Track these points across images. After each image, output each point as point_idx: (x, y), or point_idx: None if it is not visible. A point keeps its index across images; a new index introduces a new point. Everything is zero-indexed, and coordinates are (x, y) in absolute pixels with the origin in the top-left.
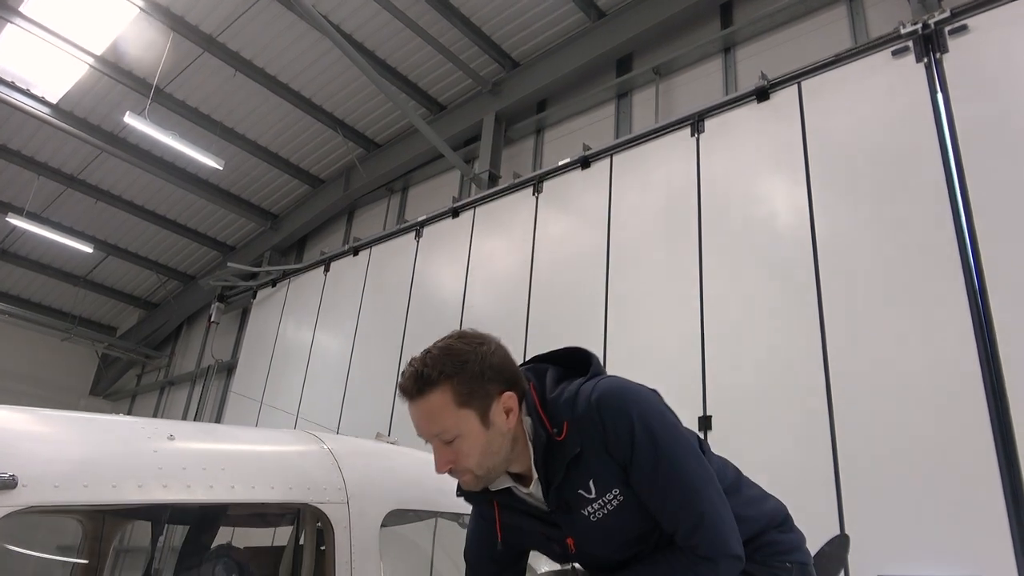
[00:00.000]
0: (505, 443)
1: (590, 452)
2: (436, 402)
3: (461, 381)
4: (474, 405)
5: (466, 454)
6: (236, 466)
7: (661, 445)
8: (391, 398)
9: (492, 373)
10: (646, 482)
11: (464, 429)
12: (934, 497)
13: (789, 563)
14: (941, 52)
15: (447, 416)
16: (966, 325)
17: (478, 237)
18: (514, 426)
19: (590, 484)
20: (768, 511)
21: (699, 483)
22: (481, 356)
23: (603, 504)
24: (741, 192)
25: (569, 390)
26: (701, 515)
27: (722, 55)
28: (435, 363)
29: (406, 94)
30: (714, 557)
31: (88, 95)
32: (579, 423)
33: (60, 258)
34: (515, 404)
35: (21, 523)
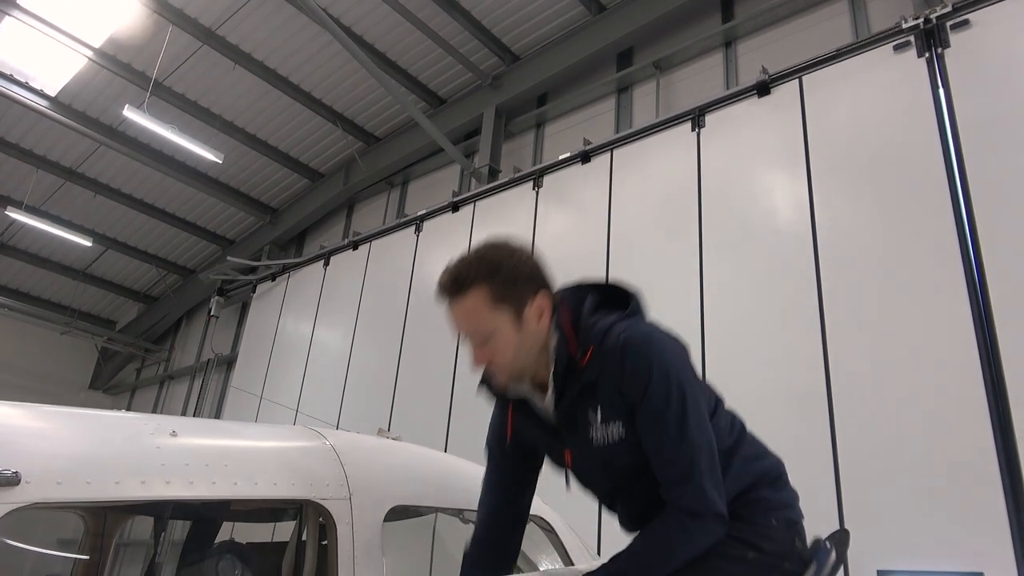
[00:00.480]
0: (536, 344)
1: (605, 384)
2: (472, 302)
3: (496, 282)
4: (508, 305)
5: (501, 351)
6: (239, 462)
7: (671, 400)
8: (391, 392)
9: (526, 276)
10: (648, 428)
11: (498, 327)
12: (934, 493)
13: (775, 520)
14: (943, 47)
15: (483, 315)
16: (966, 320)
17: (478, 231)
18: (546, 329)
19: (597, 411)
20: (761, 469)
21: (696, 443)
22: (516, 261)
23: (605, 434)
24: (742, 187)
25: (603, 323)
26: (689, 473)
27: (723, 49)
28: (472, 265)
29: (406, 88)
30: (697, 512)
31: (87, 88)
32: (602, 355)
33: (59, 252)
34: (547, 307)
35: (24, 519)
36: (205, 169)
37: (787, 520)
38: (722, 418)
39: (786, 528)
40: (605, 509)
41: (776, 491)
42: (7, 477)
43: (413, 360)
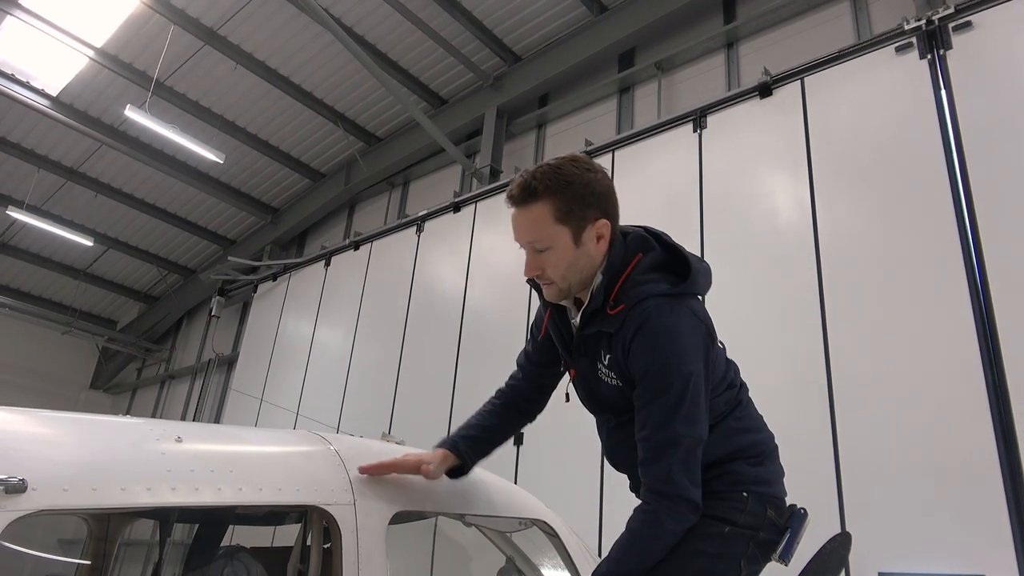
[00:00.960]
0: (588, 266)
1: (616, 343)
2: (537, 212)
3: (563, 198)
4: (571, 223)
5: (554, 265)
6: (243, 468)
7: (665, 390)
8: (392, 393)
9: (593, 199)
10: (639, 404)
11: (557, 242)
12: (935, 495)
13: (746, 493)
14: (945, 48)
15: (544, 227)
16: (968, 322)
17: (479, 232)
18: (599, 254)
19: (606, 356)
20: (743, 442)
21: (678, 433)
22: (587, 181)
23: (607, 375)
24: (743, 188)
25: (647, 288)
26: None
27: (725, 50)
28: (543, 177)
29: (407, 88)
30: (663, 492)
31: (88, 88)
32: (626, 319)
33: (60, 251)
34: (607, 232)
35: (31, 526)
36: (206, 169)
37: (759, 494)
38: (723, 398)
39: (757, 500)
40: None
41: (753, 466)
42: (14, 484)
43: (414, 361)
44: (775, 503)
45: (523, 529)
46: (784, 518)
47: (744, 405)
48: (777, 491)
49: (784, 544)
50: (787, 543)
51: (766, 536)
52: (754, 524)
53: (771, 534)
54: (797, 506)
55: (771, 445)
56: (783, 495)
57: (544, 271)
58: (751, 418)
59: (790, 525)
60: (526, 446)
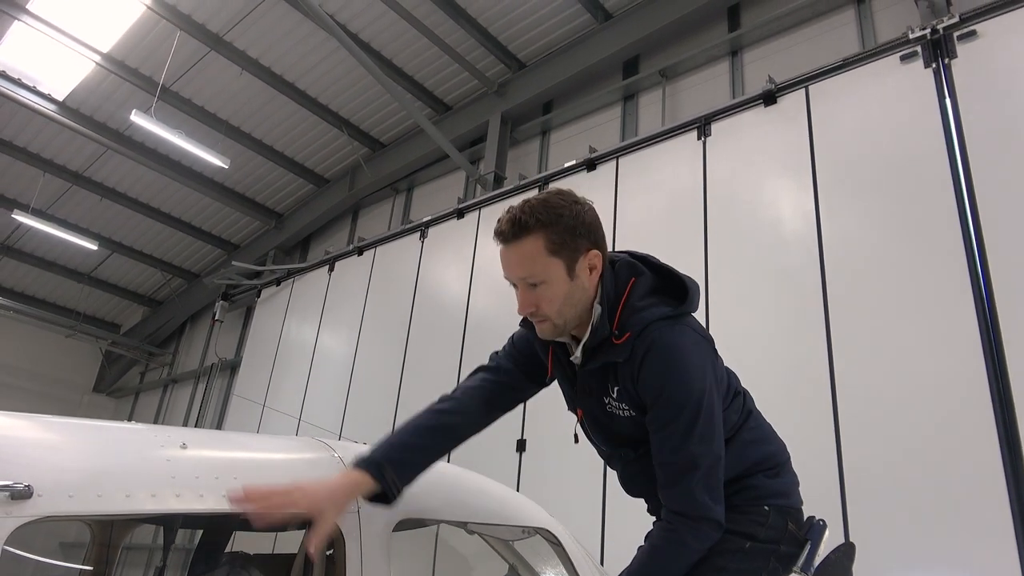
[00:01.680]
0: (583, 298)
1: (624, 371)
2: (529, 247)
3: (554, 231)
4: (563, 255)
5: (548, 300)
6: (248, 475)
7: (680, 413)
8: (394, 399)
9: (584, 229)
10: (654, 430)
11: (551, 276)
12: (939, 506)
13: (767, 507)
14: (950, 57)
15: (537, 261)
16: (973, 333)
17: (483, 238)
18: (592, 286)
19: (614, 388)
20: (759, 455)
21: (696, 453)
22: (576, 212)
23: (616, 407)
24: (747, 196)
25: (648, 314)
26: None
27: (729, 58)
28: (533, 211)
29: (412, 94)
30: (685, 513)
31: (94, 93)
32: (634, 346)
33: (65, 255)
34: (599, 263)
35: (36, 532)
36: (211, 174)
37: (779, 506)
38: (733, 408)
39: (778, 513)
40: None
41: (771, 479)
42: (19, 490)
43: (417, 367)
44: (794, 515)
45: (526, 537)
46: (803, 530)
47: (755, 415)
48: (794, 502)
49: (805, 556)
50: (808, 555)
51: (787, 549)
52: (775, 538)
53: (791, 547)
54: (816, 517)
55: (785, 455)
56: (800, 505)
57: (539, 307)
58: (762, 428)
59: (809, 537)
60: (528, 453)
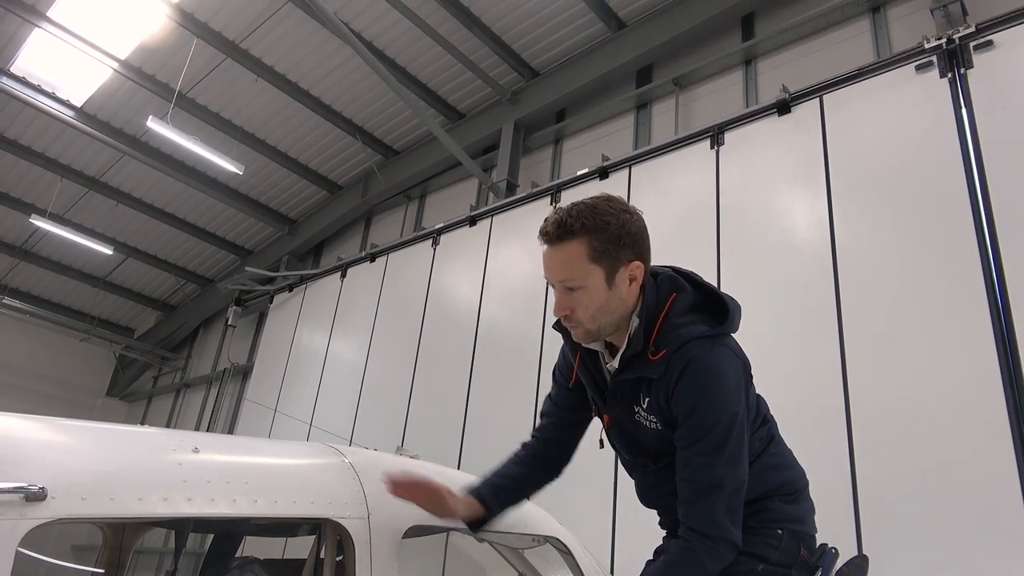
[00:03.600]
0: (619, 308)
1: (659, 387)
2: (571, 251)
3: (598, 238)
4: (604, 263)
5: (584, 306)
6: (259, 480)
7: (710, 434)
8: (405, 406)
9: (628, 240)
10: (681, 446)
11: (589, 282)
12: (954, 519)
13: (780, 530)
14: (966, 67)
15: (577, 266)
16: (989, 344)
17: (495, 246)
18: (631, 296)
19: (646, 400)
20: (778, 480)
21: (720, 475)
22: (623, 222)
23: (645, 418)
24: (761, 206)
25: (687, 331)
26: (704, 498)
27: (743, 67)
28: (579, 215)
29: (425, 102)
30: (703, 532)
31: (112, 99)
32: (670, 362)
33: (80, 259)
34: (640, 275)
35: (49, 534)
36: (225, 180)
37: (793, 531)
38: (759, 435)
39: (791, 538)
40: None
41: (788, 504)
42: (34, 493)
43: (428, 374)
44: (807, 541)
45: (536, 546)
46: (815, 557)
47: (777, 442)
48: (808, 529)
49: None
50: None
51: (797, 575)
52: (787, 562)
53: (802, 573)
54: (828, 545)
55: (804, 482)
56: (814, 532)
57: (574, 311)
58: (783, 455)
59: (821, 564)
60: None
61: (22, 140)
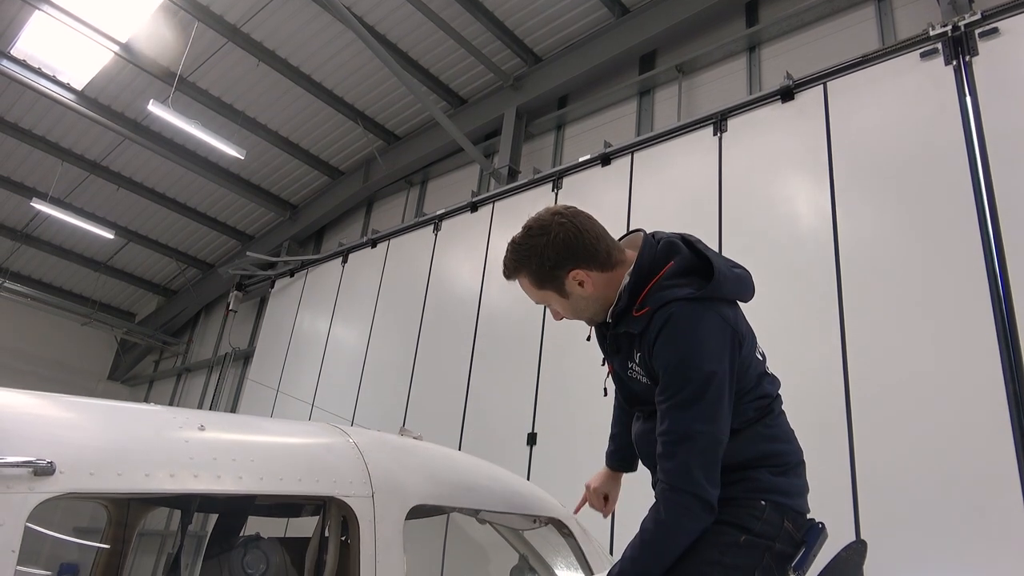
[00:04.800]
0: (592, 301)
1: (643, 343)
2: (522, 284)
3: (530, 271)
4: (548, 286)
5: (562, 313)
6: (264, 457)
7: (685, 387)
8: (406, 391)
9: (554, 259)
10: (659, 402)
11: (549, 300)
12: (953, 505)
13: (764, 501)
14: (971, 55)
15: (534, 293)
16: (990, 334)
17: (496, 232)
18: (594, 290)
19: (637, 355)
20: (767, 451)
21: (695, 430)
22: (541, 247)
23: (637, 372)
24: (763, 193)
25: (672, 293)
26: (678, 452)
27: (747, 54)
28: (511, 257)
29: (427, 87)
30: (677, 486)
31: (113, 82)
32: (651, 320)
33: (82, 243)
34: (585, 276)
35: (56, 509)
36: (227, 165)
37: (777, 503)
38: (752, 405)
39: (775, 510)
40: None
41: (775, 476)
42: (43, 467)
43: (429, 360)
44: (793, 515)
45: (538, 527)
46: (801, 532)
47: (775, 415)
48: (797, 504)
49: (799, 558)
50: (802, 556)
51: (781, 548)
52: (770, 534)
53: (786, 546)
54: (816, 520)
55: (797, 458)
56: (804, 510)
57: (562, 317)
58: (780, 428)
59: (807, 539)
60: (539, 446)
61: (23, 123)
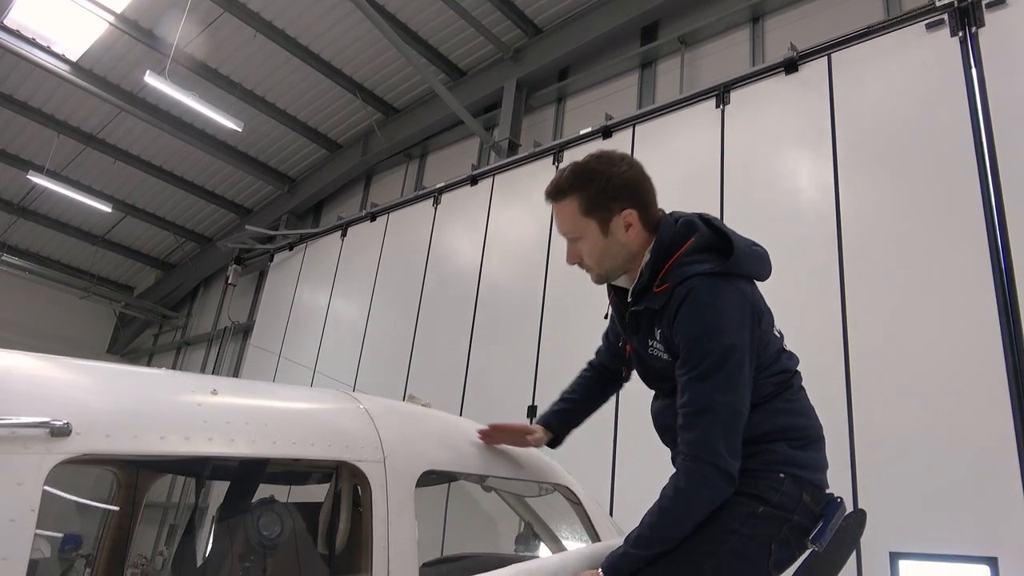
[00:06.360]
0: (623, 252)
1: (663, 318)
2: (566, 208)
3: (586, 194)
4: (596, 215)
5: (588, 254)
6: (277, 422)
7: (706, 359)
8: (406, 364)
9: (615, 192)
10: (680, 375)
11: (586, 233)
12: (950, 477)
13: (783, 474)
14: (977, 26)
15: (574, 220)
16: (991, 306)
17: (496, 206)
18: (633, 240)
19: (658, 332)
20: (787, 424)
21: (716, 400)
22: (609, 175)
23: (657, 349)
24: (765, 166)
25: (693, 268)
26: (698, 423)
27: (750, 25)
28: (569, 176)
29: (427, 59)
30: (698, 456)
31: (108, 53)
32: (672, 294)
33: (79, 216)
34: (635, 220)
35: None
36: (224, 137)
37: (796, 476)
38: (772, 379)
39: (793, 482)
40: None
41: (794, 449)
42: (59, 427)
43: (429, 333)
44: (811, 489)
45: (545, 495)
46: (820, 505)
47: (795, 390)
48: (815, 478)
49: (817, 531)
50: (820, 529)
51: (799, 520)
52: (788, 506)
53: (805, 519)
54: (835, 495)
55: (817, 433)
56: (823, 484)
57: (582, 259)
58: (800, 403)
59: (825, 513)
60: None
61: (18, 95)
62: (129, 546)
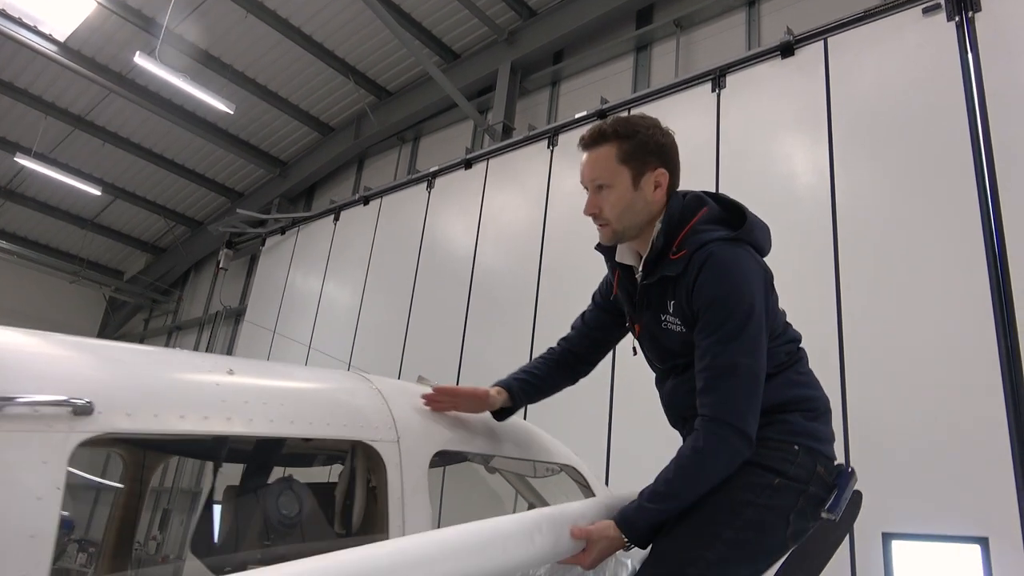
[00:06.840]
0: (644, 210)
1: (681, 285)
2: (602, 152)
3: (627, 143)
4: (631, 165)
5: (612, 204)
6: (293, 401)
7: (728, 320)
8: (400, 349)
9: (655, 148)
10: (700, 339)
11: (616, 181)
12: (942, 458)
13: (797, 445)
14: (973, 11)
15: (607, 165)
16: (984, 288)
17: (491, 189)
18: (656, 201)
19: (670, 303)
20: (799, 396)
21: (737, 361)
22: (652, 133)
23: (671, 322)
24: (761, 150)
25: (708, 235)
26: (720, 384)
27: (746, 8)
28: (614, 123)
29: (420, 41)
30: (719, 418)
31: (96, 33)
32: (690, 260)
33: (68, 200)
34: (665, 181)
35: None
36: (215, 120)
37: (810, 448)
38: (783, 348)
39: (808, 454)
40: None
41: (808, 420)
42: (82, 406)
43: (423, 318)
44: (824, 460)
45: (551, 475)
46: (832, 476)
47: (804, 362)
48: (827, 450)
49: (832, 500)
50: (835, 499)
51: (815, 491)
52: (803, 477)
53: (819, 489)
54: (844, 466)
55: (825, 405)
56: (833, 456)
57: (602, 210)
58: (810, 376)
59: (838, 483)
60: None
61: (4, 76)
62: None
